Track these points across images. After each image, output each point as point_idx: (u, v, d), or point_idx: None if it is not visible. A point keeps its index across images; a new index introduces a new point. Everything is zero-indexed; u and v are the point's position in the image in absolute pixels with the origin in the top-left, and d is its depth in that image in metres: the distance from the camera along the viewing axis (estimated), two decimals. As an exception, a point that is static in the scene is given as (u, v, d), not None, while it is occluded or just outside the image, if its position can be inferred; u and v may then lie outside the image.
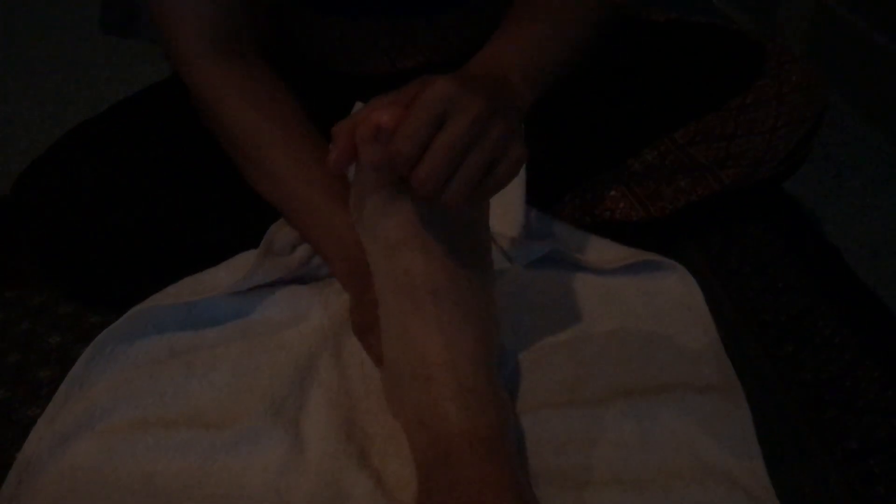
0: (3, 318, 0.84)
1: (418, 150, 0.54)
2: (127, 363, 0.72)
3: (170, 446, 0.65)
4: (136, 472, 0.63)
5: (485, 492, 0.56)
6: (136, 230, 0.81)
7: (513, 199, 0.81)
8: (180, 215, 0.82)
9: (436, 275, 0.62)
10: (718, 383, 0.70)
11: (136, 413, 0.67)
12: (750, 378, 0.72)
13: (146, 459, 0.64)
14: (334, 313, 0.76)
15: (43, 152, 0.85)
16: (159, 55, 0.81)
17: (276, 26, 0.89)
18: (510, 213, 0.81)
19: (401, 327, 0.64)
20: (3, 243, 0.92)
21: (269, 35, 0.90)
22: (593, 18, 0.75)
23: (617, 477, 0.63)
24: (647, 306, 0.79)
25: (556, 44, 0.71)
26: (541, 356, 0.74)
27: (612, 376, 0.71)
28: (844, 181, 1.15)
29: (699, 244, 0.93)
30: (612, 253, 0.83)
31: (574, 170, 0.92)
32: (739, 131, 0.89)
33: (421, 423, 0.61)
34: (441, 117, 0.53)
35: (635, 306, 0.79)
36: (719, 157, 0.89)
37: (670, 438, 0.65)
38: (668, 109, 0.91)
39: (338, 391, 0.70)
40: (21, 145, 1.26)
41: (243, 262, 0.79)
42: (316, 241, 0.78)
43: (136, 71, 1.47)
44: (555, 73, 0.70)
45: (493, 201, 0.79)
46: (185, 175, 0.84)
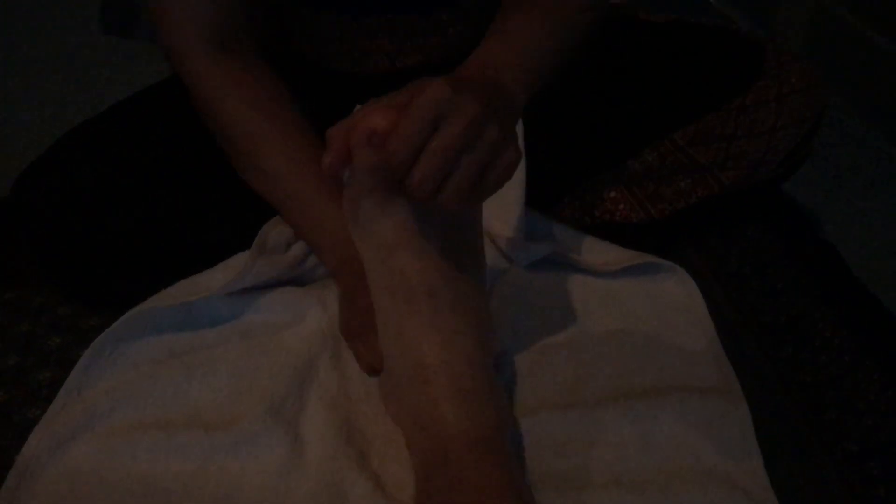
0: (2, 319, 0.84)
1: (413, 153, 0.54)
2: (126, 365, 0.72)
3: (169, 448, 0.64)
4: (136, 473, 0.63)
5: (483, 493, 0.56)
6: (136, 231, 0.81)
7: (512, 200, 0.81)
8: (180, 216, 0.82)
9: (431, 276, 0.62)
10: (718, 385, 0.70)
11: (135, 414, 0.67)
12: (749, 379, 0.72)
13: (145, 461, 0.64)
14: (334, 315, 0.76)
15: (42, 153, 0.85)
16: (159, 55, 0.81)
17: (276, 26, 0.89)
18: (510, 214, 0.81)
19: (397, 329, 0.64)
20: (2, 244, 0.92)
21: (268, 35, 0.90)
22: (585, 16, 0.75)
23: (617, 479, 0.63)
24: (646, 308, 0.79)
25: (548, 42, 0.70)
26: (540, 358, 0.74)
27: (611, 378, 0.71)
28: (844, 182, 1.15)
29: (698, 246, 0.93)
30: (612, 255, 0.83)
31: (574, 171, 0.92)
32: (739, 132, 0.89)
33: (418, 425, 0.61)
34: (435, 121, 0.53)
35: (635, 308, 0.79)
36: (719, 158, 0.89)
37: (670, 440, 0.65)
38: (668, 110, 0.91)
39: (337, 393, 0.70)
40: (21, 146, 1.26)
41: (239, 262, 0.79)
42: (309, 239, 0.78)
43: (137, 71, 1.47)
44: (547, 72, 0.70)
45: (493, 203, 0.79)
46: (185, 176, 0.84)
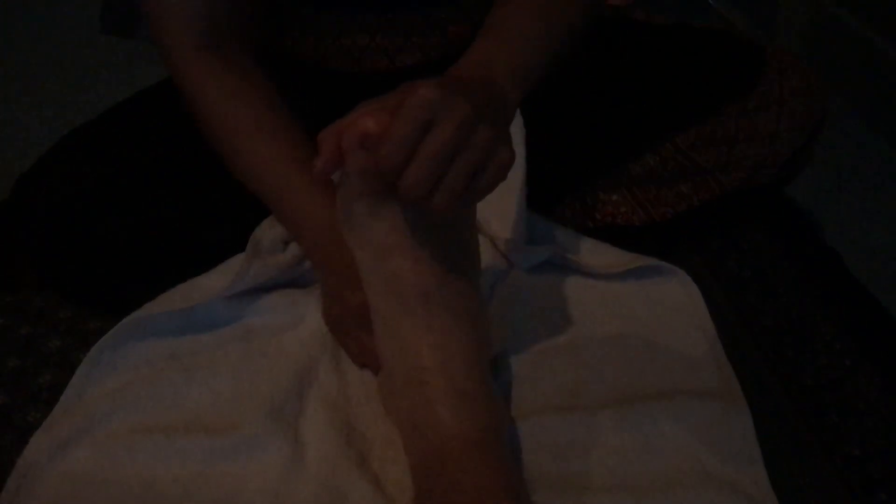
0: (2, 322, 0.84)
1: (404, 156, 0.54)
2: (126, 368, 0.72)
3: (169, 451, 0.64)
4: (136, 477, 0.63)
5: (480, 495, 0.56)
6: (136, 233, 0.81)
7: (513, 203, 0.81)
8: (180, 218, 0.82)
9: (425, 278, 0.62)
10: (719, 388, 0.70)
11: (135, 418, 0.67)
12: (750, 383, 0.72)
13: (146, 465, 0.64)
14: (333, 316, 0.76)
15: (42, 156, 0.85)
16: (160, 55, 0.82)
17: (276, 25, 0.89)
18: (510, 216, 0.81)
19: (393, 331, 0.64)
20: (2, 247, 0.92)
21: (268, 35, 0.90)
22: (579, 13, 0.75)
23: (617, 482, 0.62)
24: (647, 311, 0.79)
25: (541, 40, 0.70)
26: (541, 360, 0.73)
27: (612, 381, 0.71)
28: (844, 185, 1.15)
29: (699, 249, 0.93)
30: (613, 258, 0.83)
31: (575, 174, 0.92)
32: (741, 136, 0.89)
33: (415, 426, 0.61)
34: (427, 123, 0.53)
35: (636, 311, 0.79)
36: (721, 162, 0.89)
37: (671, 444, 0.65)
38: (670, 113, 0.91)
39: (337, 396, 0.70)
40: (20, 148, 1.26)
41: (237, 265, 0.79)
42: (294, 233, 0.77)
43: (137, 71, 1.47)
44: (541, 70, 0.70)
45: (494, 205, 0.80)
46: (184, 178, 0.84)
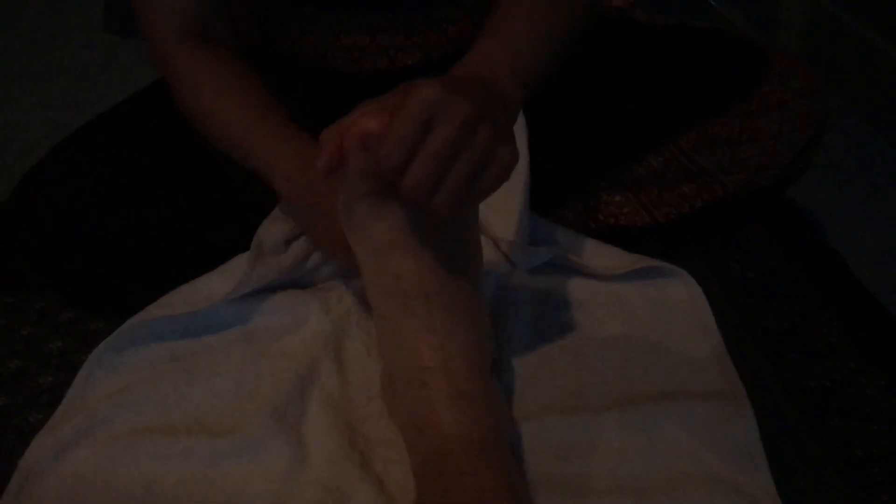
0: (3, 323, 0.84)
1: (406, 156, 0.53)
2: (128, 370, 0.72)
3: (171, 453, 0.64)
4: (138, 479, 0.63)
5: (481, 496, 0.56)
6: (137, 234, 0.81)
7: (516, 204, 0.81)
8: (181, 219, 0.82)
9: (426, 278, 0.62)
10: (723, 390, 0.70)
11: (137, 420, 0.67)
12: (753, 385, 0.72)
13: (147, 467, 0.64)
14: (335, 318, 0.76)
15: (43, 157, 0.85)
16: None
17: (275, 25, 0.89)
18: (513, 218, 0.81)
19: (394, 331, 0.64)
20: (3, 248, 0.92)
21: (267, 35, 0.90)
22: (579, 12, 0.75)
23: (619, 484, 0.62)
24: (651, 312, 0.79)
25: (543, 39, 0.70)
26: (543, 362, 0.73)
27: (615, 383, 0.71)
28: (846, 186, 1.15)
29: (701, 250, 0.93)
30: (616, 259, 0.83)
31: (577, 175, 0.92)
32: (743, 137, 0.89)
33: (416, 427, 0.61)
34: (428, 122, 0.53)
35: (639, 312, 0.79)
36: (723, 164, 0.89)
37: (674, 446, 0.65)
38: (673, 115, 0.90)
39: (339, 397, 0.69)
40: (21, 148, 1.26)
41: (238, 266, 0.79)
42: (264, 168, 0.75)
43: (139, 71, 1.47)
44: (543, 69, 0.70)
45: (497, 206, 0.80)
46: (185, 179, 0.84)
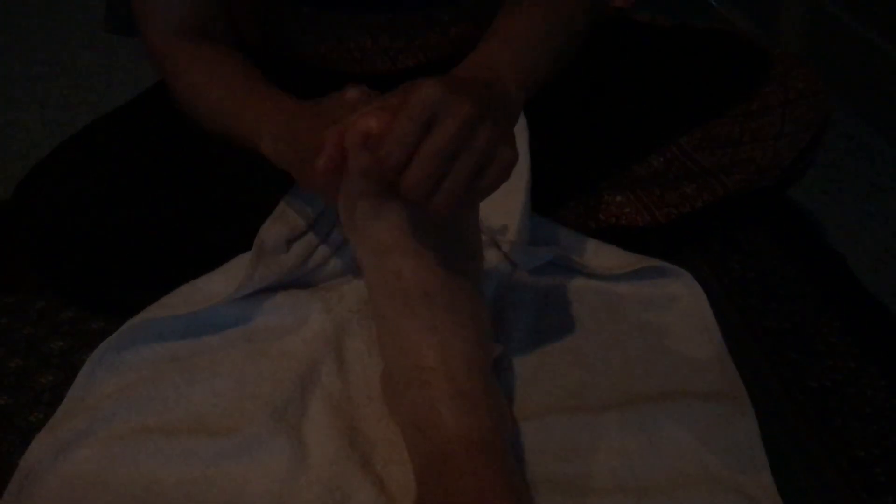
0: (4, 323, 0.84)
1: (406, 156, 0.53)
2: (128, 370, 0.72)
3: (172, 453, 0.64)
4: (138, 479, 0.63)
5: (481, 497, 0.56)
6: (137, 234, 0.80)
7: (517, 204, 0.80)
8: (181, 219, 0.82)
9: (427, 278, 0.62)
10: (724, 390, 0.70)
11: (137, 419, 0.67)
12: (754, 386, 0.72)
13: (148, 466, 0.64)
14: (337, 317, 0.76)
15: (44, 158, 0.85)
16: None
17: (276, 27, 0.89)
18: (514, 218, 0.81)
19: (394, 331, 0.64)
20: (4, 248, 0.92)
21: (268, 36, 0.90)
22: (583, 16, 0.75)
23: (621, 484, 0.62)
24: (651, 312, 0.79)
25: (546, 42, 0.70)
26: (544, 362, 0.73)
27: (616, 383, 0.71)
28: (845, 186, 1.15)
29: (702, 250, 0.93)
30: (617, 259, 0.83)
31: (578, 175, 0.92)
32: (745, 138, 0.89)
33: (417, 427, 0.61)
34: (428, 122, 0.53)
35: (640, 312, 0.79)
36: (725, 164, 0.89)
37: (675, 446, 0.65)
38: (674, 115, 0.90)
39: (340, 397, 0.69)
40: (22, 148, 1.26)
41: (239, 266, 0.79)
42: (253, 127, 0.74)
43: (141, 71, 1.46)
44: (545, 71, 0.70)
45: (498, 206, 0.80)
46: (186, 179, 0.84)
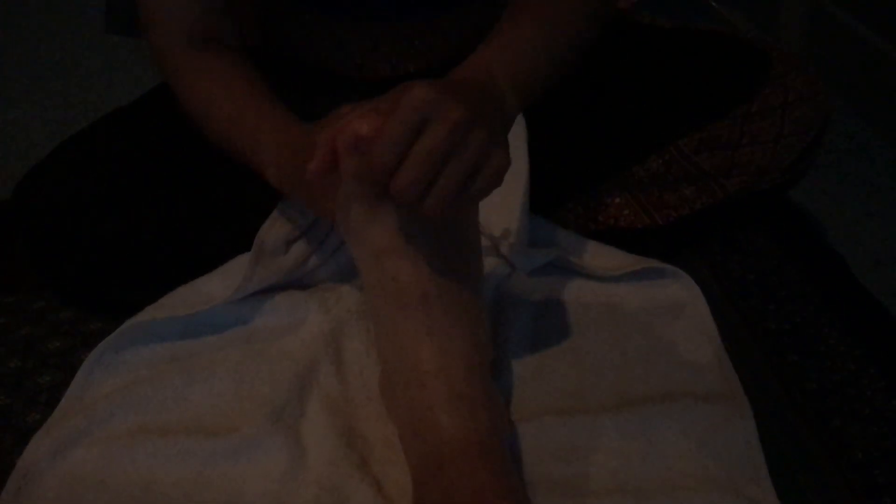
0: (2, 323, 0.84)
1: (397, 158, 0.53)
2: (126, 370, 0.72)
3: (170, 453, 0.64)
4: (136, 479, 0.63)
5: (479, 499, 0.56)
6: (136, 235, 0.81)
7: (516, 206, 0.80)
8: (180, 220, 0.82)
9: (424, 281, 0.62)
10: (722, 391, 0.70)
11: (135, 419, 0.67)
12: (753, 387, 0.72)
13: (146, 467, 0.63)
14: (334, 318, 0.76)
15: (44, 158, 0.85)
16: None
17: (277, 30, 0.89)
18: (513, 220, 0.81)
19: (392, 334, 0.64)
20: (3, 248, 0.92)
21: (268, 39, 0.90)
22: (584, 25, 0.75)
23: (619, 486, 0.62)
24: (650, 314, 0.78)
25: (545, 51, 0.70)
26: (543, 363, 0.73)
27: (614, 384, 0.71)
28: (845, 186, 1.15)
29: (701, 252, 0.93)
30: (616, 260, 0.83)
31: (577, 176, 0.92)
32: (744, 140, 0.88)
33: (414, 429, 0.61)
34: (420, 124, 0.53)
35: (639, 314, 0.79)
36: (724, 166, 0.89)
37: (673, 447, 0.65)
38: (674, 117, 0.90)
39: (338, 398, 0.69)
40: (22, 148, 1.26)
41: (238, 267, 0.79)
42: (252, 145, 0.75)
43: (141, 71, 1.47)
44: (543, 80, 0.70)
45: (497, 208, 0.80)
46: (185, 179, 0.84)
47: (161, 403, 0.68)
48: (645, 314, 0.79)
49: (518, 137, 0.80)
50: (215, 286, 0.78)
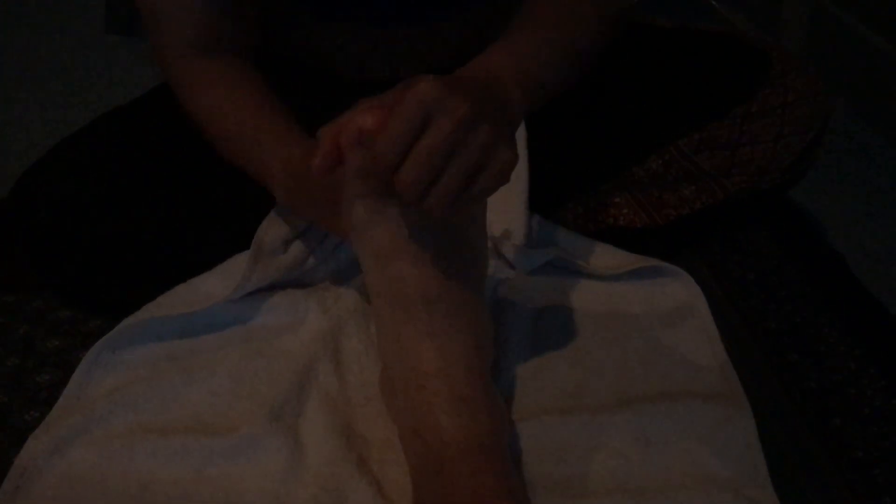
0: (1, 322, 0.84)
1: (401, 153, 0.53)
2: (125, 369, 0.72)
3: (168, 452, 0.64)
4: (134, 478, 0.63)
5: (478, 500, 0.55)
6: (136, 234, 0.80)
7: (516, 205, 0.80)
8: (179, 219, 0.82)
9: (427, 283, 0.62)
10: (722, 391, 0.70)
11: (134, 418, 0.67)
12: (753, 386, 0.72)
13: (144, 466, 0.63)
14: (333, 317, 0.76)
15: (42, 157, 0.85)
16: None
17: (278, 31, 0.89)
18: (513, 220, 0.81)
19: (394, 335, 0.63)
20: (2, 247, 0.92)
21: (269, 41, 0.89)
22: (596, 33, 0.74)
23: (618, 485, 0.62)
24: (650, 313, 0.78)
25: (554, 54, 0.69)
26: (542, 363, 0.73)
27: (614, 383, 0.71)
28: (845, 186, 1.15)
29: (702, 251, 0.93)
30: (616, 259, 0.83)
31: (577, 176, 0.92)
32: (744, 140, 0.88)
33: (414, 431, 0.61)
34: (424, 120, 0.52)
35: (638, 313, 0.79)
36: (724, 166, 0.89)
37: (673, 447, 0.65)
38: (674, 117, 0.90)
39: (337, 397, 0.69)
40: (21, 148, 1.26)
41: (237, 266, 0.79)
42: (262, 170, 0.76)
43: (140, 71, 1.47)
44: (551, 84, 0.69)
45: (496, 208, 0.79)
46: (184, 179, 0.84)
47: (159, 402, 0.68)
48: (645, 314, 0.79)
49: (518, 137, 0.80)
50: (214, 285, 0.78)
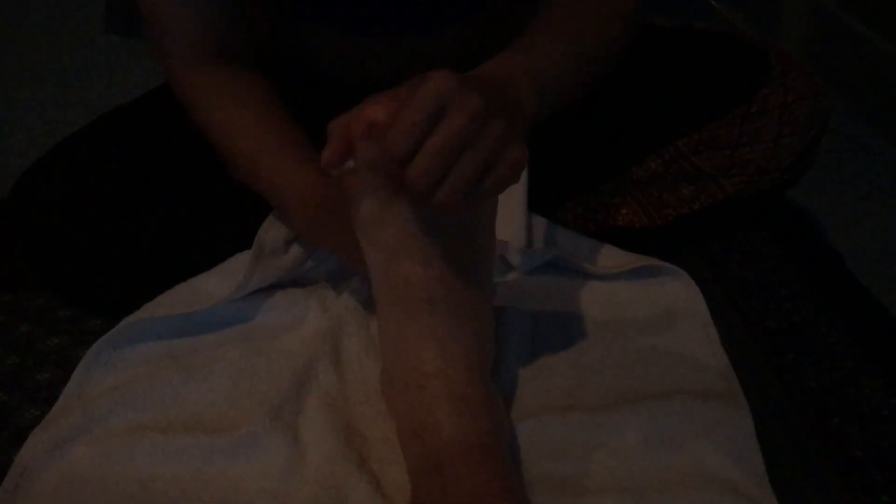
0: (1, 320, 0.84)
1: (412, 147, 0.52)
2: (125, 367, 0.72)
3: (168, 451, 0.64)
4: (134, 477, 0.63)
5: (478, 500, 0.55)
6: (135, 233, 0.81)
7: (515, 205, 0.81)
8: (178, 220, 0.82)
9: (432, 283, 0.61)
10: (721, 390, 0.70)
11: (134, 417, 0.67)
12: (752, 385, 0.72)
13: (144, 465, 0.63)
14: (333, 316, 0.76)
15: (42, 156, 0.85)
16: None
17: (280, 36, 0.89)
18: (512, 219, 0.81)
19: (396, 334, 0.63)
20: (2, 246, 0.92)
21: (275, 45, 0.89)
22: (612, 43, 0.74)
23: (617, 484, 0.62)
24: (649, 312, 0.79)
25: (569, 60, 0.69)
26: (541, 362, 0.73)
27: (613, 382, 0.71)
28: (847, 187, 1.15)
29: (701, 251, 0.93)
30: (615, 259, 0.83)
31: (577, 176, 0.92)
32: (744, 140, 0.88)
33: (413, 430, 0.61)
34: (437, 113, 0.51)
35: (637, 312, 0.79)
36: (724, 166, 0.89)
37: (672, 445, 0.65)
38: (673, 117, 0.90)
39: (336, 396, 0.69)
40: (21, 148, 1.26)
41: (237, 265, 0.79)
42: (274, 193, 0.76)
43: (140, 71, 1.47)
44: (567, 88, 0.69)
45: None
46: (184, 179, 0.84)
47: (159, 401, 0.68)
48: (644, 313, 0.79)
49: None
50: (214, 285, 0.78)
